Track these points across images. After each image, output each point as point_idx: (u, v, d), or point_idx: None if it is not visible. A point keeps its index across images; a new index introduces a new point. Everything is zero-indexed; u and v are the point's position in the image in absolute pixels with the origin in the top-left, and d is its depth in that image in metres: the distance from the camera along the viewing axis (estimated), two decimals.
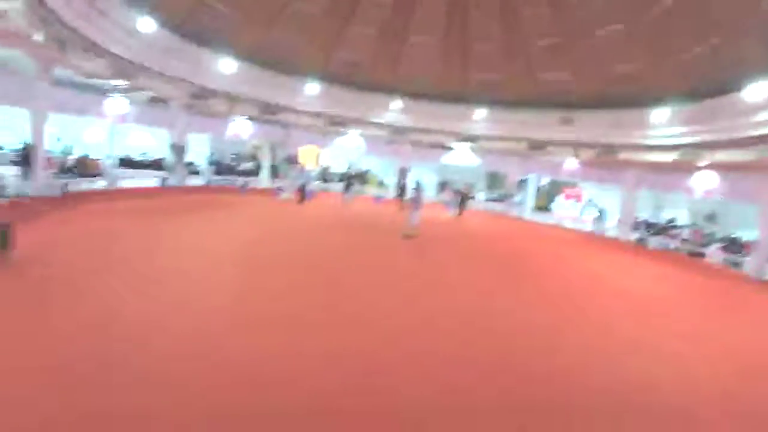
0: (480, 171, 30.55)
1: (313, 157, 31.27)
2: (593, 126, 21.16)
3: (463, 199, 23.22)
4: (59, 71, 14.51)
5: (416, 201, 14.70)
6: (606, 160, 21.59)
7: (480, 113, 24.51)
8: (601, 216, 23.13)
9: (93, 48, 14.10)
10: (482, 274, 10.92)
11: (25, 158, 13.60)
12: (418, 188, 15.33)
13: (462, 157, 27.80)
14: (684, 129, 17.24)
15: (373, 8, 20.62)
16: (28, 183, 13.60)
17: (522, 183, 28.63)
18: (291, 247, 11.39)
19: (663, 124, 18.13)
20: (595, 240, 21.04)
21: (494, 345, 6.31)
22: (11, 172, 13.92)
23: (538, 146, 23.89)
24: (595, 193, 26.97)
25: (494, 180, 31.89)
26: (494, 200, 29.37)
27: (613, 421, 4.66)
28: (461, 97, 24.42)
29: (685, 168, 18.85)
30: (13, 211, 11.60)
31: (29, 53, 12.60)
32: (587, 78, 20.39)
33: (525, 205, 28.75)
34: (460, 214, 22.59)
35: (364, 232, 14.95)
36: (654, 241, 20.69)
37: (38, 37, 11.62)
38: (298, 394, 4.43)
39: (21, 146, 13.85)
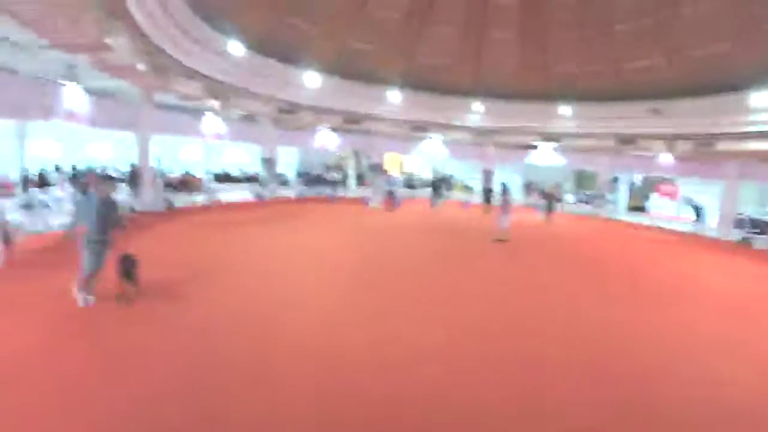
0: (567, 170, 28.96)
1: (397, 164, 31.57)
2: (687, 115, 19.10)
3: (551, 200, 22.12)
4: (159, 96, 15.86)
5: (505, 205, 14.33)
6: (703, 152, 19.53)
7: (564, 110, 23.18)
8: (698, 214, 21.04)
9: (189, 73, 15.35)
10: (572, 277, 10.48)
11: (133, 177, 15.01)
12: (506, 192, 14.89)
13: (547, 157, 26.49)
14: None
15: (449, 6, 20.43)
16: (137, 200, 15.02)
17: (613, 181, 26.74)
18: (387, 253, 11.73)
19: (766, 109, 16.07)
20: (693, 240, 18.91)
21: (578, 346, 6.21)
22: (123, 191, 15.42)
23: (627, 141, 22.09)
24: (693, 189, 24.28)
25: (582, 179, 30.06)
26: (584, 201, 27.56)
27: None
28: (544, 94, 23.27)
29: None
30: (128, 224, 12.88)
31: (134, 82, 13.89)
32: (676, 63, 18.54)
33: (617, 205, 26.75)
34: (548, 216, 21.55)
35: (455, 237, 14.87)
36: (762, 241, 18.12)
37: (141, 66, 12.87)
38: (389, 389, 4.67)
39: (129, 167, 15.25)
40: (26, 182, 12.88)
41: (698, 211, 21.07)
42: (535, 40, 21.42)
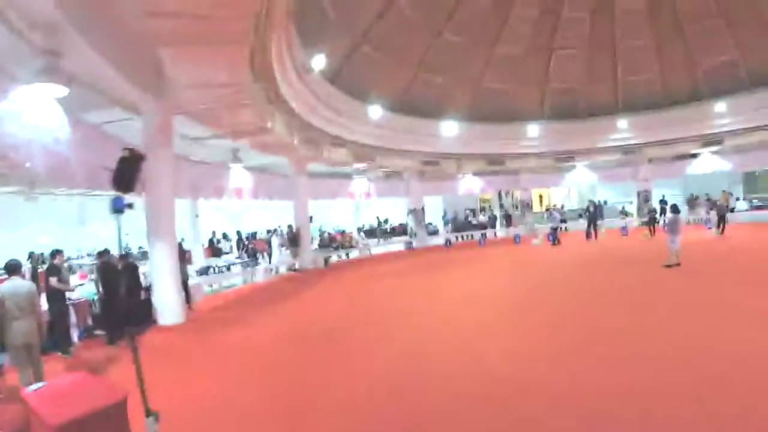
0: (734, 175, 24.68)
1: (544, 198, 30.32)
2: None
3: (723, 212, 19.00)
4: (312, 165, 17.61)
5: (673, 225, 12.61)
6: None
7: (720, 107, 20.16)
8: None
9: (336, 141, 16.93)
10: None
11: (293, 239, 16.68)
12: (674, 211, 13.12)
13: (709, 163, 23.00)
14: None
15: (573, 28, 19.69)
16: (298, 259, 16.63)
17: None
18: (561, 292, 10.70)
19: None
20: None
21: None
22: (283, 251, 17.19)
23: None
24: None
25: (755, 182, 25.16)
26: (761, 207, 23.02)
27: None
28: (694, 95, 20.81)
29: None
30: (294, 282, 14.33)
31: (289, 156, 15.68)
32: None
33: None
34: (722, 231, 18.38)
35: (621, 267, 13.34)
36: None
37: (295, 142, 14.56)
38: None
39: (288, 230, 17.04)
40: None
41: None
42: (672, 39, 19.40)
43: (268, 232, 17.49)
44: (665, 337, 6.60)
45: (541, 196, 30.17)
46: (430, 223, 25.70)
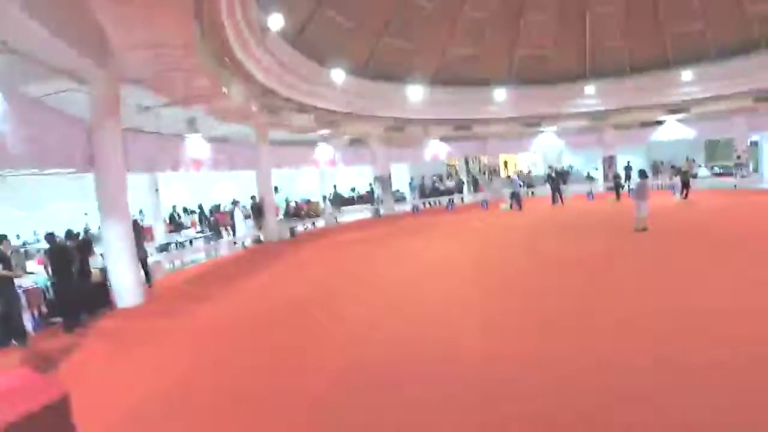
0: (696, 143, 25.39)
1: (511, 164, 30.43)
2: None
3: (685, 178, 19.47)
4: (273, 133, 16.93)
5: (641, 190, 12.63)
6: None
7: (686, 75, 20.46)
8: None
9: (298, 107, 16.23)
10: (735, 260, 8.64)
11: (257, 210, 16.13)
12: (642, 176, 13.18)
13: (674, 131, 23.54)
14: None
15: None
16: (264, 230, 16.15)
17: (752, 146, 22.81)
18: (528, 257, 10.76)
19: None
20: None
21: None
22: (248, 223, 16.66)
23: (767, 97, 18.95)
24: None
25: (716, 149, 25.99)
26: (721, 174, 23.94)
27: None
28: (661, 63, 21.01)
29: None
30: (259, 255, 13.90)
31: (249, 124, 14.98)
32: None
33: (762, 174, 22.74)
34: (685, 196, 18.95)
35: (589, 231, 13.48)
36: None
37: (254, 108, 13.85)
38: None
39: (251, 201, 16.46)
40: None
41: None
42: (641, 7, 19.38)
43: (232, 203, 16.82)
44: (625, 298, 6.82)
45: (506, 162, 30.18)
46: (397, 190, 25.45)
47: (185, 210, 16.64)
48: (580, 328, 5.81)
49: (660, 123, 23.61)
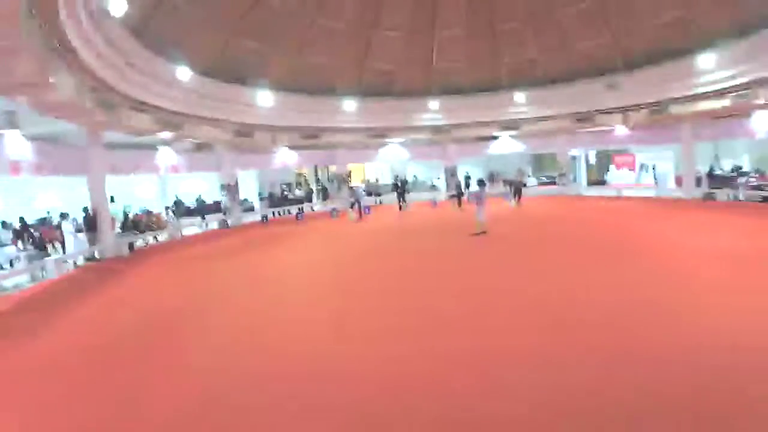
0: (526, 155, 29.63)
1: (359, 173, 31.18)
2: (639, 86, 19.84)
3: (518, 187, 22.47)
4: (109, 135, 14.82)
5: (479, 197, 14.14)
6: (658, 119, 20.27)
7: (519, 97, 23.59)
8: (656, 178, 22.84)
9: (138, 106, 14.37)
10: (564, 254, 10.62)
11: (88, 223, 13.87)
12: (480, 184, 14.78)
13: (507, 145, 26.95)
14: (735, 70, 15.92)
15: (396, 10, 20.38)
16: (97, 246, 13.91)
17: (572, 160, 27.51)
18: (373, 262, 11.34)
19: (712, 69, 16.75)
20: (664, 203, 19.69)
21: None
22: (80, 238, 14.27)
23: (584, 118, 22.83)
24: (650, 156, 25.25)
25: (542, 162, 30.72)
26: (547, 183, 28.23)
27: None
28: (497, 84, 23.74)
29: (743, 110, 17.81)
30: (90, 273, 11.90)
31: (80, 122, 12.85)
32: (628, 37, 19.43)
33: (579, 182, 27.61)
34: (518, 202, 21.78)
35: (432, 236, 14.61)
36: (722, 194, 19.27)
37: (87, 104, 11.87)
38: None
39: (83, 213, 14.11)
40: None
41: (656, 175, 22.85)
42: (483, 34, 21.79)
43: (60, 216, 14.07)
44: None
45: (350, 172, 30.77)
46: (245, 199, 24.19)
47: (3, 224, 13.36)
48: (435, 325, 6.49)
49: (495, 138, 26.59)
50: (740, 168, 21.54)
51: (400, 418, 4.09)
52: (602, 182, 27.91)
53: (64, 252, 13.45)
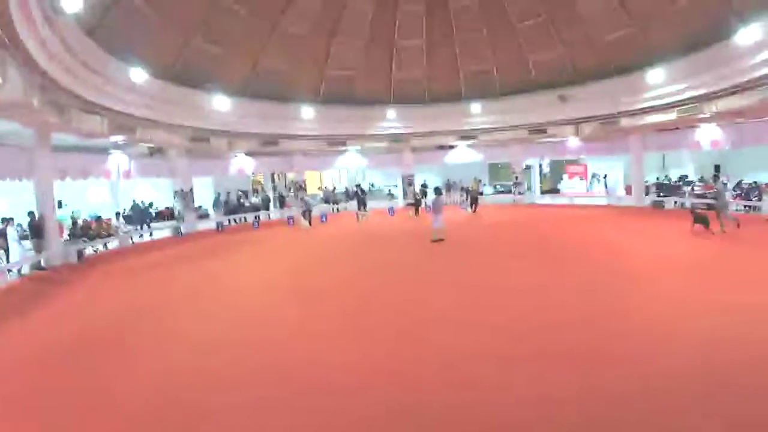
0: (482, 165, 30.33)
1: (315, 180, 31.01)
2: (591, 99, 20.81)
3: (474, 195, 23.05)
4: (58, 137, 14.11)
5: (437, 206, 14.47)
6: (609, 131, 21.31)
7: (476, 107, 24.23)
8: (607, 187, 24.11)
9: (89, 107, 13.75)
10: (518, 260, 11.27)
11: (34, 229, 13.09)
12: (437, 193, 15.22)
13: (464, 155, 27.56)
14: (682, 85, 16.90)
15: (356, 19, 20.59)
16: (44, 254, 13.13)
17: (526, 169, 28.44)
18: (336, 270, 11.36)
19: (660, 84, 17.74)
20: (614, 211, 20.85)
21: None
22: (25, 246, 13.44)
23: (538, 130, 23.70)
24: (601, 166, 26.58)
25: (497, 171, 31.58)
26: (502, 192, 29.07)
27: None
28: (455, 95, 24.32)
29: (689, 123, 18.92)
30: (40, 284, 11.27)
31: (27, 122, 12.17)
32: (579, 51, 20.43)
33: (534, 191, 28.60)
34: (474, 210, 22.34)
35: (392, 243, 14.87)
36: (669, 202, 20.58)
37: (35, 103, 11.25)
38: None
39: (28, 218, 13.31)
40: None
41: (606, 184, 24.05)
42: (443, 45, 22.34)
43: (3, 221, 13.14)
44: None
45: (305, 181, 30.56)
46: (200, 206, 23.51)
47: None
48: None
49: (453, 147, 27.05)
50: (686, 177, 22.92)
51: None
52: (556, 191, 28.98)
53: (8, 260, 12.58)
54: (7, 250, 12.67)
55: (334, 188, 30.34)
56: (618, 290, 8.09)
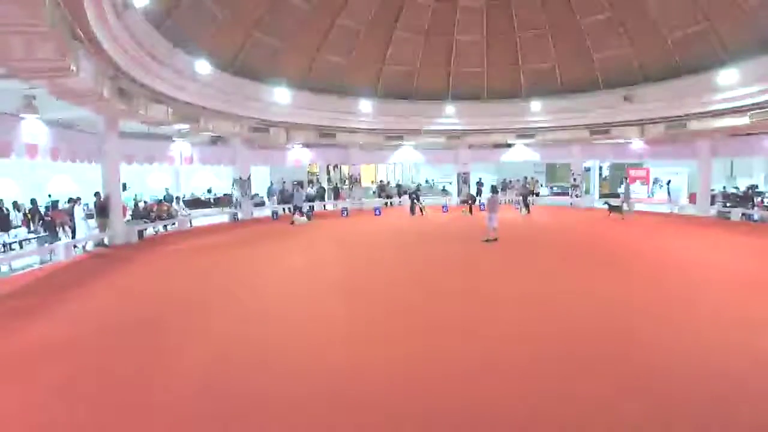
0: (540, 165, 29.40)
1: (370, 174, 31.24)
2: (657, 100, 19.45)
3: (527, 196, 22.56)
4: (126, 124, 14.99)
5: (492, 204, 14.04)
6: (676, 134, 19.93)
7: (536, 105, 23.36)
8: (670, 194, 22.73)
9: (156, 97, 14.52)
10: (570, 264, 10.90)
11: (101, 209, 14.02)
12: (493, 191, 14.86)
13: (521, 153, 26.76)
14: (756, 87, 15.49)
15: (415, 14, 20.45)
16: (107, 232, 14.05)
17: (585, 171, 27.25)
18: (383, 269, 11.19)
19: (732, 86, 16.31)
20: (678, 220, 19.56)
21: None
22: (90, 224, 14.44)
23: (600, 130, 22.53)
24: (666, 171, 24.96)
25: (555, 172, 30.49)
26: (558, 193, 27.95)
27: None
28: (514, 92, 23.61)
29: (762, 129, 17.42)
30: (104, 260, 12.05)
31: (97, 110, 12.99)
32: (647, 49, 19.26)
33: (591, 194, 27.37)
34: (528, 211, 21.71)
35: (445, 241, 14.58)
36: (736, 213, 19.03)
37: (106, 92, 12.00)
38: None
39: (94, 198, 14.27)
40: None
41: (669, 191, 22.78)
42: (503, 40, 21.72)
43: (70, 200, 14.24)
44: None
45: (360, 174, 30.87)
46: (257, 194, 24.30)
47: (14, 205, 13.58)
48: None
49: (510, 145, 26.38)
50: (755, 187, 21.21)
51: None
52: (615, 195, 27.59)
53: (73, 236, 13.61)
54: (73, 228, 13.69)
55: (388, 182, 30.44)
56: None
